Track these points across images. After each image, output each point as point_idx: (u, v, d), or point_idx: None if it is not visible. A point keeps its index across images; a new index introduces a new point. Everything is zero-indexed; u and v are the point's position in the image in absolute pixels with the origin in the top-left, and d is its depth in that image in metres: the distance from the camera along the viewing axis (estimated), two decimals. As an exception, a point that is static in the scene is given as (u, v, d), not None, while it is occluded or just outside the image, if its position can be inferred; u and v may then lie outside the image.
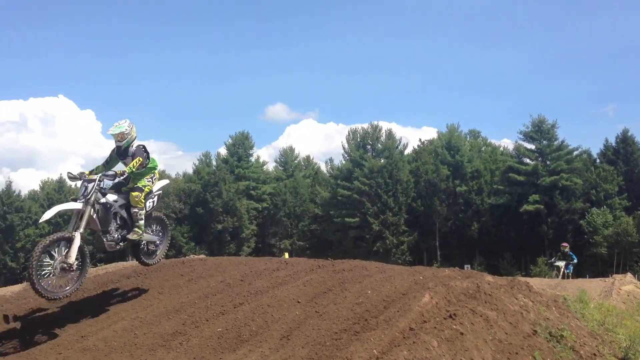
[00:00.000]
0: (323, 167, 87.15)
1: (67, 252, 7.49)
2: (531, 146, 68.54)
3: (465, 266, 50.22)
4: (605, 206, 63.09)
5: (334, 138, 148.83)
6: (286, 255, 60.78)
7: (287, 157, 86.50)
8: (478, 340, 6.54)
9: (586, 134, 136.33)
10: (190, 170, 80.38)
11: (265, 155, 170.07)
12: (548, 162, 66.24)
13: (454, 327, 6.51)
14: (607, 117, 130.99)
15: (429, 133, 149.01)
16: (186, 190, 73.68)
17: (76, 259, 7.58)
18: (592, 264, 62.42)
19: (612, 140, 71.46)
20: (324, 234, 72.54)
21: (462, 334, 6.43)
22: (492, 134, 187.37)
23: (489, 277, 9.81)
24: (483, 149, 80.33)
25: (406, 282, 8.57)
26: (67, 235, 7.54)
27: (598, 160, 71.09)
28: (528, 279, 12.97)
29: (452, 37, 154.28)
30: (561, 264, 23.24)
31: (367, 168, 68.79)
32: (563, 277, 22.59)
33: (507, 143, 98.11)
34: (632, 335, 9.96)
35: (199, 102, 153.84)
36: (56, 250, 7.46)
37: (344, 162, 74.76)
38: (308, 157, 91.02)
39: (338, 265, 10.36)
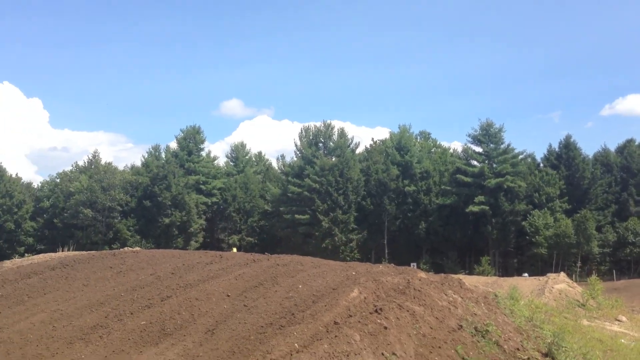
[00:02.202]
0: (274, 164, 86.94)
1: None
2: (479, 149, 70.11)
3: (412, 264, 50.85)
4: (546, 208, 65.21)
5: (288, 135, 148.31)
6: (234, 250, 60.17)
7: (238, 153, 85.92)
8: (402, 334, 6.57)
9: (531, 139, 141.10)
10: (139, 163, 78.86)
11: (219, 150, 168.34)
12: (494, 165, 67.91)
13: (379, 321, 6.52)
14: (552, 123, 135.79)
15: (382, 133, 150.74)
16: (133, 183, 72.13)
17: None
18: (533, 264, 64.62)
19: (556, 146, 74.01)
20: (273, 230, 72.32)
21: (386, 328, 6.44)
22: (443, 136, 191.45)
23: (422, 274, 9.93)
24: (433, 150, 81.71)
25: (338, 277, 8.56)
26: None
27: (541, 164, 73.39)
28: (465, 277, 13.21)
29: (410, 41, 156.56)
30: None
31: (319, 166, 68.90)
32: None
33: (457, 145, 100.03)
34: (558, 331, 10.25)
35: (152, 95, 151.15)
36: None
37: (295, 159, 74.70)
38: (260, 153, 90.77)
39: (273, 260, 10.29)
